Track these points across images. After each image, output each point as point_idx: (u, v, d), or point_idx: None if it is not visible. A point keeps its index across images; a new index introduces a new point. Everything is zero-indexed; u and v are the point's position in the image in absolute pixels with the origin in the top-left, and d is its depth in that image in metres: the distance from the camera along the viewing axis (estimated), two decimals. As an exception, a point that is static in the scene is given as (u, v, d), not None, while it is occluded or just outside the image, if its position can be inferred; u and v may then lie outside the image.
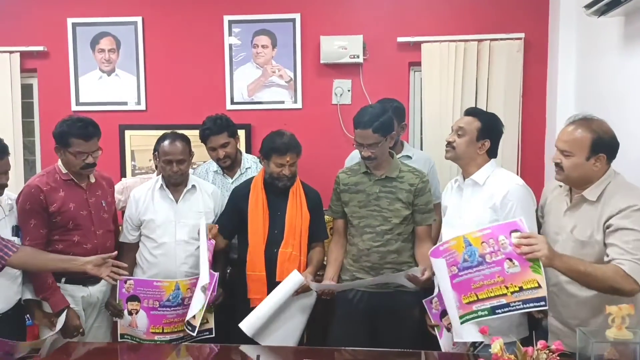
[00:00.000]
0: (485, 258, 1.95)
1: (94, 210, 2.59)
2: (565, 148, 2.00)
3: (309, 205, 2.67)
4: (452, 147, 2.32)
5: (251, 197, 2.64)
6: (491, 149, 2.33)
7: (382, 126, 2.45)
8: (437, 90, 3.61)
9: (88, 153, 2.49)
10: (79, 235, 2.53)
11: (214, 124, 2.94)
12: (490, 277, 1.93)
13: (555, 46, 3.42)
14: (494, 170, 2.31)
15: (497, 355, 1.51)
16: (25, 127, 3.89)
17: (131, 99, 3.86)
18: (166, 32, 3.82)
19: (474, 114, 2.36)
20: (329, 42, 3.63)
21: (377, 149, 2.47)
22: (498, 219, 2.20)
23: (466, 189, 2.34)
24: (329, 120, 3.75)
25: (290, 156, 2.58)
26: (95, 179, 2.66)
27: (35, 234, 2.45)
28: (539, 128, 3.62)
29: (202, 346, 2.43)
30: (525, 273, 1.87)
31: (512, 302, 1.89)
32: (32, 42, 3.81)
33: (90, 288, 2.58)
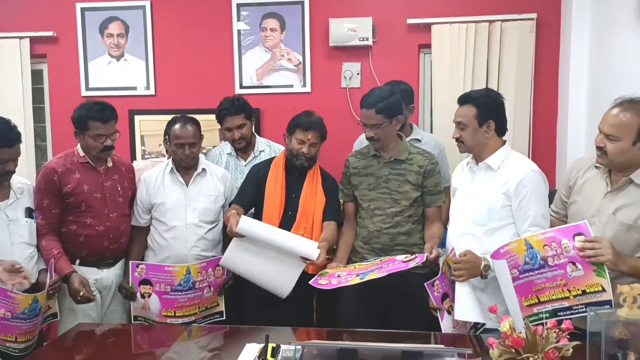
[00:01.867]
0: (548, 261, 1.94)
1: (109, 193, 2.62)
2: (612, 132, 1.95)
3: (325, 189, 2.67)
4: (461, 142, 2.30)
5: (270, 175, 2.66)
6: (498, 126, 2.26)
7: (386, 107, 2.43)
8: (447, 72, 3.58)
9: (106, 135, 2.54)
10: (91, 217, 2.56)
11: (232, 105, 2.95)
12: (553, 280, 1.93)
13: (568, 26, 3.36)
14: (508, 155, 2.27)
15: (507, 334, 1.50)
16: (35, 113, 3.92)
17: (140, 83, 3.87)
18: (175, 16, 3.81)
19: (467, 100, 2.28)
20: (338, 24, 3.60)
21: (380, 130, 2.45)
22: (511, 205, 2.19)
23: (479, 172, 2.31)
24: (338, 104, 3.74)
25: (313, 134, 2.59)
26: (114, 164, 2.69)
27: (48, 213, 2.53)
28: (551, 110, 3.58)
29: (213, 327, 2.46)
30: (588, 277, 1.87)
31: (575, 305, 1.89)
32: (41, 28, 3.82)
33: (105, 271, 2.62)
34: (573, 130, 3.35)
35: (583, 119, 3.29)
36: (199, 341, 2.24)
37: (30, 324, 2.26)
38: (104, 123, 2.53)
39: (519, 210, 2.18)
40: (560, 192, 2.28)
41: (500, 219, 2.21)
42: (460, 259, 2.10)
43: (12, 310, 2.19)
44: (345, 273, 2.37)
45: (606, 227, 2.00)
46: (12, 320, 2.19)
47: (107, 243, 2.60)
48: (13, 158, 2.35)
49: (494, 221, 2.21)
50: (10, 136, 2.32)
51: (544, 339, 1.49)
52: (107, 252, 2.62)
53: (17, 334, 2.24)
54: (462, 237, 2.25)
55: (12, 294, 2.17)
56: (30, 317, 2.25)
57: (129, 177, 2.77)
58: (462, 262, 2.10)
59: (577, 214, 2.11)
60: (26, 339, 2.26)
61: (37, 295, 2.26)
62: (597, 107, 3.10)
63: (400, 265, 2.27)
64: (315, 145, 2.62)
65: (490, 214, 2.21)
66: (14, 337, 2.23)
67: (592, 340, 1.66)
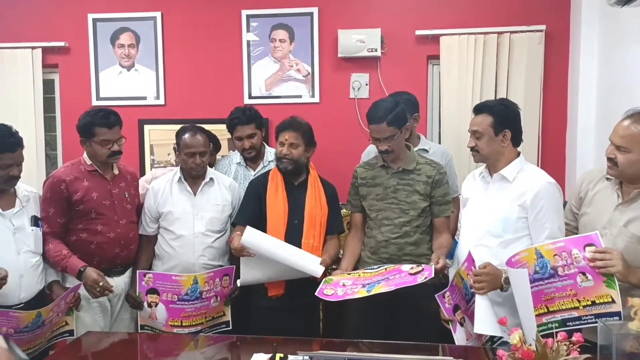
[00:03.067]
0: (558, 271, 1.94)
1: (117, 200, 2.64)
2: (622, 144, 1.94)
3: (327, 198, 2.66)
4: (476, 151, 2.28)
5: (270, 186, 2.64)
6: (514, 137, 2.25)
7: (396, 119, 2.44)
8: (455, 84, 3.58)
9: (113, 141, 2.57)
10: (102, 224, 2.58)
11: (243, 114, 2.98)
12: (562, 290, 1.93)
13: (577, 38, 3.36)
14: (522, 166, 2.26)
15: (517, 346, 1.48)
16: (46, 122, 3.96)
17: (150, 93, 3.90)
18: (185, 27, 3.85)
19: (483, 110, 2.28)
20: (346, 35, 3.62)
21: (394, 142, 2.46)
22: (527, 217, 2.18)
23: (493, 183, 2.29)
24: (347, 115, 3.75)
25: (290, 134, 2.58)
26: (120, 171, 2.72)
27: (53, 222, 2.54)
28: (560, 122, 3.57)
29: (219, 337, 2.45)
30: (598, 287, 1.87)
31: (584, 315, 1.88)
32: (53, 38, 3.87)
33: (115, 279, 2.61)
34: (582, 142, 3.33)
35: (592, 130, 3.27)
36: (205, 351, 2.23)
37: (31, 335, 2.27)
38: (110, 128, 2.55)
39: (536, 222, 2.17)
40: (571, 203, 2.27)
41: (516, 231, 2.20)
42: (480, 271, 2.07)
43: (15, 327, 2.22)
44: (351, 282, 2.34)
45: (617, 239, 1.98)
46: (14, 335, 2.21)
47: (118, 250, 2.61)
48: (16, 163, 2.38)
49: (509, 233, 2.20)
50: (11, 141, 2.35)
51: (554, 351, 1.47)
52: (118, 259, 2.63)
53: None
54: (476, 248, 2.22)
55: (14, 313, 2.20)
56: (33, 329, 2.26)
57: (135, 185, 2.80)
58: (482, 274, 2.07)
59: (588, 225, 2.09)
60: (27, 348, 2.28)
61: (41, 310, 2.27)
62: (606, 119, 3.08)
63: (408, 278, 2.23)
64: (296, 146, 2.58)
65: (505, 226, 2.20)
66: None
67: (603, 353, 1.64)
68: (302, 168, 2.65)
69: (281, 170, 2.62)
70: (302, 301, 2.56)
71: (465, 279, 2.15)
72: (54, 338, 2.44)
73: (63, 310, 2.40)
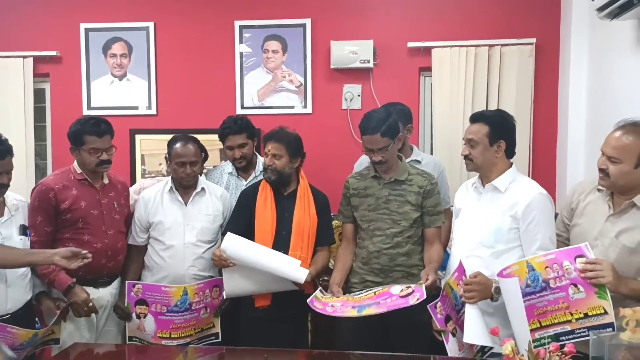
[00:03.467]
0: (549, 283, 1.93)
1: (106, 210, 2.61)
2: (614, 154, 1.95)
3: (317, 208, 2.65)
4: (469, 160, 2.29)
5: (259, 197, 2.63)
6: (508, 148, 2.27)
7: (389, 129, 2.44)
8: (447, 95, 3.60)
9: (102, 150, 2.55)
10: (89, 233, 2.55)
11: (235, 124, 2.98)
12: (555, 303, 1.92)
13: (567, 51, 3.40)
14: (515, 177, 2.27)
15: (509, 356, 1.47)
16: (36, 132, 3.92)
17: (142, 103, 3.89)
18: (177, 37, 3.85)
19: (479, 119, 2.29)
20: (339, 47, 3.64)
21: (387, 153, 2.46)
22: (518, 228, 2.18)
23: (485, 194, 2.30)
24: (339, 125, 3.75)
25: (271, 145, 2.57)
26: (110, 181, 2.69)
27: (40, 230, 2.51)
28: (551, 134, 3.59)
29: (209, 348, 2.43)
30: (590, 299, 1.86)
31: (577, 329, 1.87)
32: (45, 47, 3.86)
33: (101, 290, 2.58)
34: (573, 154, 3.35)
35: (582, 142, 3.29)
36: (195, 362, 2.20)
37: (22, 351, 2.25)
38: (100, 137, 2.54)
39: (527, 233, 2.17)
40: (562, 214, 2.27)
41: (507, 242, 2.20)
42: (471, 280, 2.07)
43: (11, 344, 2.17)
44: (339, 304, 2.32)
45: (608, 250, 1.98)
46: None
47: (104, 260, 2.57)
48: (5, 171, 2.35)
49: (500, 244, 2.20)
50: (0, 149, 2.32)
51: (547, 362, 1.46)
52: (104, 270, 2.60)
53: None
54: (468, 258, 2.21)
55: (12, 329, 2.17)
56: (26, 347, 2.25)
57: (125, 195, 2.77)
58: (473, 283, 2.07)
59: (580, 236, 2.10)
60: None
61: (38, 331, 2.26)
62: (596, 131, 3.10)
63: (400, 301, 2.21)
64: (279, 157, 2.56)
65: (497, 236, 2.20)
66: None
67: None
68: (287, 178, 2.63)
69: (282, 184, 2.62)
70: (289, 312, 2.54)
71: (455, 289, 2.15)
72: (40, 345, 2.41)
73: None
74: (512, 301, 1.98)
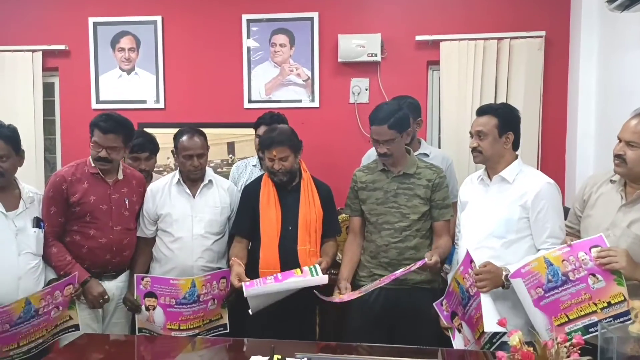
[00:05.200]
0: (569, 276, 1.96)
1: (115, 206, 2.61)
2: (633, 139, 1.96)
3: (321, 200, 2.63)
4: (478, 152, 2.30)
5: (262, 193, 2.61)
6: (515, 140, 2.30)
7: (397, 122, 2.44)
8: (455, 89, 3.59)
9: (103, 147, 2.52)
10: (95, 228, 2.56)
11: (270, 117, 3.12)
12: (577, 295, 1.95)
13: (577, 43, 3.37)
14: (521, 168, 2.30)
15: (516, 347, 1.47)
16: (46, 126, 3.95)
17: (150, 97, 3.90)
18: (185, 31, 3.86)
19: (487, 111, 2.32)
20: (346, 40, 3.63)
21: (393, 145, 2.46)
22: (528, 217, 2.21)
23: (493, 186, 2.31)
24: (346, 119, 3.75)
25: (277, 150, 2.52)
26: (125, 176, 2.68)
27: (54, 220, 2.53)
28: (560, 127, 3.57)
29: (217, 339, 2.44)
30: (610, 287, 1.90)
31: (604, 318, 1.89)
32: (54, 41, 3.88)
33: (107, 283, 2.59)
34: (582, 147, 3.33)
35: (592, 135, 3.27)
36: (202, 354, 2.22)
37: (28, 326, 2.28)
38: (103, 133, 2.51)
39: (537, 222, 2.20)
40: (575, 206, 2.29)
41: (518, 231, 2.22)
42: (481, 270, 2.10)
43: (9, 322, 2.22)
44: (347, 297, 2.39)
45: (620, 240, 1.99)
46: (11, 330, 2.23)
47: (109, 256, 2.59)
48: None
49: (511, 233, 2.22)
50: None
51: (555, 353, 1.46)
52: (109, 265, 2.61)
53: (19, 339, 2.28)
54: (478, 250, 2.23)
55: (3, 308, 2.20)
56: (27, 320, 2.27)
57: (139, 191, 2.73)
58: (483, 272, 2.10)
59: (590, 227, 2.11)
60: (28, 341, 2.30)
61: (29, 297, 2.28)
62: (606, 124, 3.08)
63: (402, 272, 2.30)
64: (286, 158, 2.54)
65: (507, 227, 2.22)
66: (15, 344, 2.27)
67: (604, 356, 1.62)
68: (295, 173, 2.62)
69: (276, 182, 2.60)
70: (297, 305, 2.52)
71: (462, 282, 2.16)
72: (60, 332, 2.44)
73: (62, 304, 2.39)
74: (521, 297, 2.02)
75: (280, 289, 2.35)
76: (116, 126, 2.54)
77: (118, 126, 2.55)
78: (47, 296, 2.33)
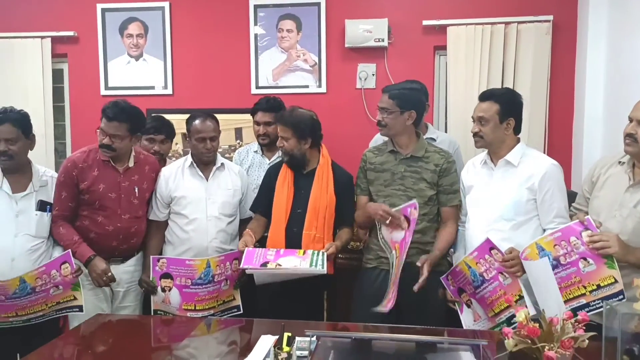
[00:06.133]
0: (560, 260, 2.01)
1: (124, 194, 2.63)
2: None
3: (337, 187, 2.64)
4: (480, 137, 2.35)
5: (279, 175, 2.68)
6: (516, 125, 2.35)
7: (400, 96, 2.49)
8: (462, 74, 3.59)
9: (107, 134, 2.54)
10: (103, 216, 2.60)
11: (266, 102, 3.14)
12: (568, 279, 2.00)
13: (585, 27, 3.36)
14: (524, 151, 2.35)
15: (522, 324, 1.51)
16: (55, 112, 3.98)
17: (158, 83, 3.93)
18: (193, 17, 3.87)
19: (490, 97, 2.36)
20: (353, 25, 3.64)
21: (389, 117, 2.50)
22: (535, 199, 2.26)
23: (498, 169, 2.36)
24: (353, 105, 3.76)
25: (279, 128, 2.65)
26: (137, 163, 2.69)
27: (63, 205, 2.58)
28: (567, 112, 3.58)
29: (229, 320, 2.49)
30: (601, 270, 1.94)
31: (592, 301, 1.94)
32: (62, 28, 3.90)
33: (115, 267, 2.61)
34: (589, 132, 3.34)
35: (600, 120, 3.28)
36: (215, 332, 2.26)
37: (26, 301, 2.38)
38: (108, 121, 2.53)
39: (543, 203, 2.26)
40: (584, 188, 2.32)
41: (526, 213, 2.28)
42: (509, 257, 2.15)
43: (4, 294, 2.35)
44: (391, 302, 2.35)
45: (627, 221, 2.02)
46: (7, 301, 2.36)
47: (115, 243, 2.62)
48: (4, 138, 2.44)
49: (520, 215, 2.28)
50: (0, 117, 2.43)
51: (560, 329, 1.49)
52: (115, 251, 2.64)
53: (16, 310, 2.40)
54: (487, 233, 2.27)
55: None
56: (24, 295, 2.37)
57: (151, 177, 2.73)
58: (514, 258, 2.14)
59: (598, 208, 2.14)
60: (27, 312, 2.41)
61: (23, 276, 2.36)
62: (613, 109, 3.09)
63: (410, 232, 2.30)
64: (286, 139, 2.60)
65: (516, 209, 2.28)
66: (13, 312, 2.40)
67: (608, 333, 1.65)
68: (300, 159, 2.63)
69: (291, 166, 2.66)
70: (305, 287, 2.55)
71: (474, 267, 2.20)
72: (63, 310, 2.50)
73: (62, 283, 2.44)
74: (540, 280, 2.05)
75: (276, 272, 2.40)
76: (120, 114, 2.53)
77: (122, 114, 2.53)
78: (43, 275, 2.39)
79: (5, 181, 2.52)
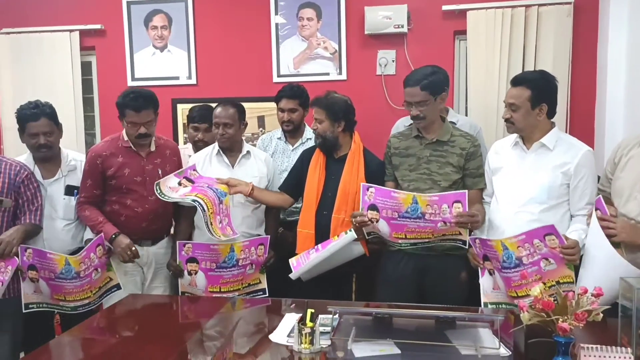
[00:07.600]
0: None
1: (149, 177, 2.73)
2: None
3: (367, 173, 2.68)
4: (511, 123, 2.33)
5: (312, 159, 2.76)
6: (550, 110, 2.31)
7: (430, 84, 2.47)
8: (483, 59, 3.59)
9: (140, 124, 2.65)
10: (131, 199, 2.72)
11: (290, 90, 3.17)
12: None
13: (606, 10, 3.33)
14: (559, 136, 2.34)
15: (538, 298, 1.55)
16: (85, 103, 4.11)
17: (183, 73, 4.02)
18: (215, 8, 3.94)
19: (521, 82, 2.31)
20: (373, 12, 3.66)
21: (426, 108, 2.48)
22: (568, 184, 2.28)
23: (531, 152, 2.34)
24: (374, 91, 3.79)
25: (314, 110, 2.72)
26: (158, 147, 2.81)
27: (89, 192, 2.73)
28: (589, 95, 3.55)
29: (254, 299, 2.59)
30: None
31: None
32: (90, 21, 4.02)
33: (145, 248, 2.75)
34: (611, 115, 3.32)
35: (621, 103, 3.25)
36: (241, 311, 2.35)
37: (71, 286, 2.51)
38: (137, 112, 2.62)
39: (576, 189, 2.27)
40: (607, 169, 2.32)
41: (558, 197, 2.30)
42: (568, 245, 2.11)
43: (53, 271, 2.48)
44: None
45: None
46: (56, 280, 2.49)
47: (145, 224, 2.74)
48: (42, 132, 2.62)
49: (552, 199, 2.29)
50: (34, 112, 2.61)
51: (575, 304, 1.53)
52: (145, 233, 2.76)
53: (65, 293, 2.53)
54: (517, 215, 2.30)
55: (50, 255, 2.48)
56: (69, 278, 2.50)
57: (173, 160, 2.85)
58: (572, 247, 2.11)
59: (620, 189, 2.15)
60: (73, 299, 2.54)
61: (69, 258, 2.51)
62: (636, 91, 3.07)
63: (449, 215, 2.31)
64: (320, 121, 2.67)
65: (550, 193, 2.28)
66: (62, 296, 2.53)
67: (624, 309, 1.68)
68: (333, 142, 2.69)
69: (333, 150, 2.73)
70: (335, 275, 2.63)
71: (512, 249, 2.16)
72: (105, 294, 2.64)
73: (100, 266, 2.57)
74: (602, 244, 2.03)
75: (321, 256, 2.50)
76: (147, 102, 2.66)
77: (148, 101, 2.68)
78: (85, 259, 2.53)
79: (36, 168, 2.72)
